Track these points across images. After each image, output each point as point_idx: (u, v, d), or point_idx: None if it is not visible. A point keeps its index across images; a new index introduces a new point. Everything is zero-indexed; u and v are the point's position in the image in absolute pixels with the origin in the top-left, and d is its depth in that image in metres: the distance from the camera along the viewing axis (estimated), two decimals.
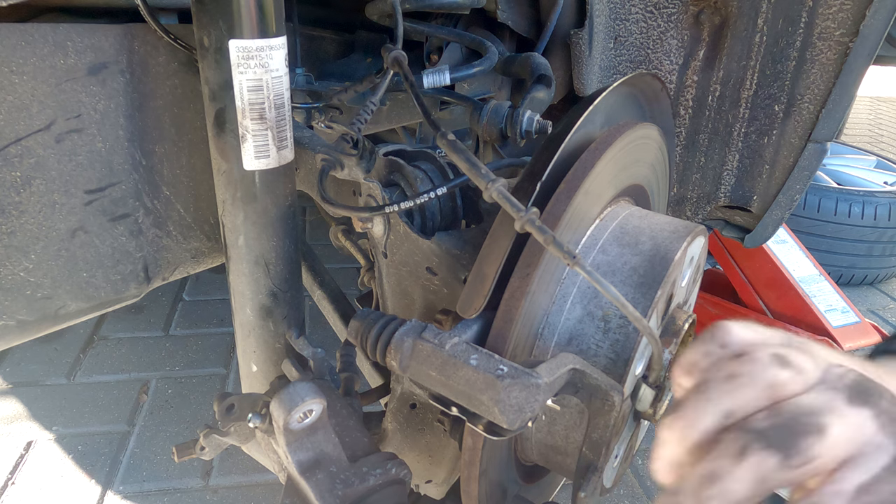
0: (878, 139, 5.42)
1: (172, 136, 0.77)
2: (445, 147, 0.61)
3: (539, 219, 0.55)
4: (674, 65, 1.22)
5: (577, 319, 0.64)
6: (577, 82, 1.09)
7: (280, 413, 0.64)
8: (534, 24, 1.07)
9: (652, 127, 0.75)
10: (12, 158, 0.63)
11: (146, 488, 1.68)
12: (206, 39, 0.62)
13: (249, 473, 1.73)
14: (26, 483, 1.67)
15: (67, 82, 0.65)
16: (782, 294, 2.12)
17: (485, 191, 0.57)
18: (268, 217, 0.71)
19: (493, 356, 0.55)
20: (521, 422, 0.52)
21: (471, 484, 0.64)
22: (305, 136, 0.79)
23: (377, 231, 0.74)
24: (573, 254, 0.53)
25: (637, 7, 1.14)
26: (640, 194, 0.79)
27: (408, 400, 0.76)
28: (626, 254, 0.66)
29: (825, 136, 1.21)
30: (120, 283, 0.77)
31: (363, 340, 0.63)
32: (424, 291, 0.74)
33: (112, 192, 0.72)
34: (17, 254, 0.67)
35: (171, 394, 2.02)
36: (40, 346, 2.18)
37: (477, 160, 0.59)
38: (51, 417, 1.89)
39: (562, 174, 0.63)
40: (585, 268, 0.53)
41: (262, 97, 0.64)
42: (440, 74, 0.90)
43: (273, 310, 0.77)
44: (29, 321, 0.70)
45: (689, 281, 0.74)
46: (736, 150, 1.31)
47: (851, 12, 1.10)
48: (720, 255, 2.31)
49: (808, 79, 1.18)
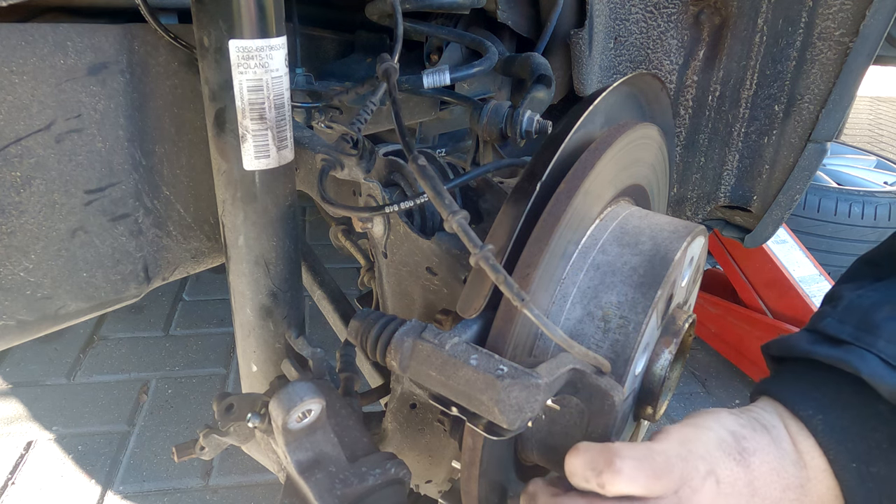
0: (878, 139, 5.42)
1: (172, 136, 0.77)
2: (415, 171, 0.61)
3: (494, 256, 0.54)
4: (674, 65, 1.22)
5: (577, 319, 0.64)
6: (577, 82, 1.09)
7: (279, 413, 0.64)
8: (534, 24, 1.07)
9: (652, 127, 0.75)
10: (12, 158, 0.63)
11: (146, 488, 1.68)
12: (206, 39, 0.62)
13: (249, 473, 1.73)
14: (26, 483, 1.67)
15: (67, 82, 0.65)
16: (782, 294, 2.12)
17: (446, 221, 0.57)
18: (268, 217, 0.71)
19: (493, 356, 0.55)
20: (521, 422, 0.52)
21: (471, 484, 0.64)
22: (305, 136, 0.79)
23: (377, 231, 0.74)
24: (523, 296, 0.53)
25: (637, 7, 1.14)
26: (640, 194, 0.79)
27: (408, 400, 0.76)
28: (626, 254, 0.66)
29: (825, 136, 1.21)
30: (120, 283, 0.77)
31: (363, 340, 0.63)
32: (424, 291, 0.74)
33: (112, 192, 0.72)
34: (17, 254, 0.67)
35: (171, 394, 2.02)
36: (40, 346, 2.18)
37: (443, 189, 0.58)
38: (51, 417, 1.89)
39: (562, 174, 0.63)
40: (534, 311, 0.52)
41: (262, 97, 0.64)
42: (440, 74, 0.90)
43: (273, 310, 0.77)
44: (29, 321, 0.70)
45: (689, 281, 0.74)
46: (736, 150, 1.31)
47: (851, 12, 1.10)
48: (720, 255, 2.32)
49: (808, 79, 1.18)
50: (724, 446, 0.58)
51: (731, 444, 0.58)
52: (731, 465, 0.57)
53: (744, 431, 0.60)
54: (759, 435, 0.60)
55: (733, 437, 0.59)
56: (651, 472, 0.53)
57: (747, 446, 0.58)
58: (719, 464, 0.56)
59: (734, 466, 0.57)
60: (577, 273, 0.65)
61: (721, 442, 0.58)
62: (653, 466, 0.53)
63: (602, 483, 0.53)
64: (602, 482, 0.53)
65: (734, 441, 0.59)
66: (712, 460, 0.56)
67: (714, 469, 0.56)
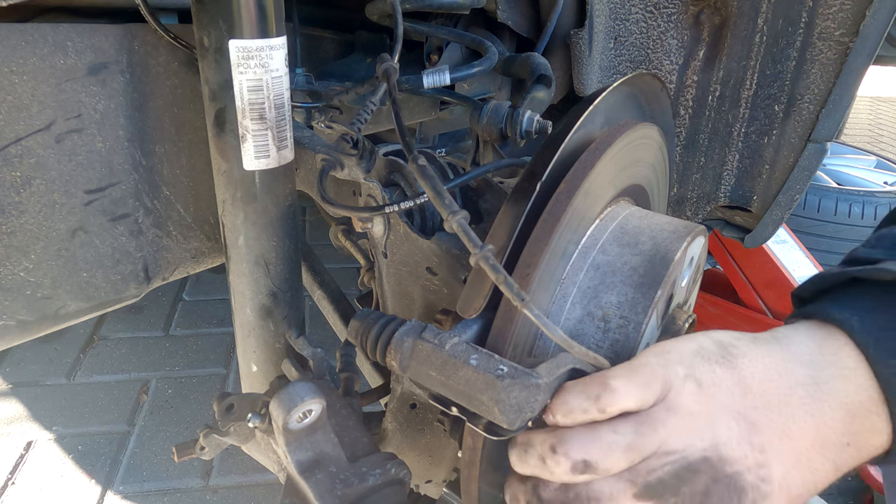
0: (878, 139, 5.42)
1: (172, 136, 0.77)
2: (415, 171, 0.61)
3: (494, 256, 0.54)
4: (674, 65, 1.22)
5: (577, 319, 0.64)
6: (577, 82, 1.09)
7: (279, 413, 0.64)
8: (534, 24, 1.07)
9: (652, 127, 0.75)
10: (12, 158, 0.63)
11: (146, 488, 1.68)
12: (206, 39, 0.62)
13: (249, 473, 1.73)
14: (26, 483, 1.67)
15: (67, 82, 0.65)
16: (782, 294, 2.12)
17: (446, 221, 0.57)
18: (268, 217, 0.71)
19: (493, 356, 0.55)
20: (521, 422, 0.52)
21: (471, 484, 0.64)
22: (305, 136, 0.79)
23: (377, 231, 0.74)
24: (523, 296, 0.53)
25: (637, 7, 1.14)
26: (640, 194, 0.79)
27: (408, 400, 0.77)
28: (626, 254, 0.66)
29: (825, 136, 1.21)
30: (120, 283, 0.77)
31: (363, 340, 0.63)
32: (424, 291, 0.74)
33: (112, 192, 0.72)
34: (17, 254, 0.67)
35: (171, 394, 2.02)
36: (40, 346, 2.18)
37: (443, 189, 0.59)
38: (51, 417, 1.89)
39: (562, 174, 0.63)
40: (534, 311, 0.52)
41: (262, 97, 0.64)
42: (440, 74, 0.90)
43: (273, 310, 0.77)
44: (29, 321, 0.70)
45: (689, 281, 0.74)
46: (736, 150, 1.31)
47: (851, 12, 1.10)
48: (720, 255, 2.31)
49: (808, 79, 1.18)
50: (703, 352, 0.57)
51: (713, 350, 0.57)
52: (713, 367, 0.56)
53: (733, 341, 0.59)
54: (756, 343, 0.59)
55: (717, 345, 0.58)
56: (642, 383, 0.53)
57: (735, 352, 0.57)
58: (697, 367, 0.56)
59: (717, 368, 0.56)
60: (577, 273, 0.65)
61: (700, 349, 0.57)
62: (641, 377, 0.54)
63: (602, 407, 0.53)
64: (602, 406, 0.53)
65: (717, 348, 0.58)
66: (690, 364, 0.56)
67: (692, 373, 0.55)
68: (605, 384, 0.53)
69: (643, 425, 0.53)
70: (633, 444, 0.53)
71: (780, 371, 0.57)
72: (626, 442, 0.53)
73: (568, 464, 0.53)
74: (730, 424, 0.55)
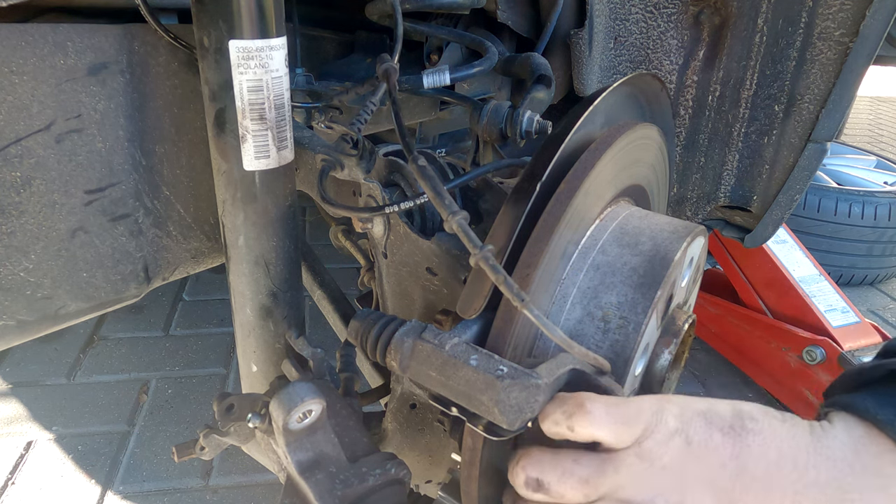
0: (878, 139, 5.42)
1: (172, 136, 0.77)
2: (415, 172, 0.61)
3: (494, 256, 0.54)
4: (674, 65, 1.22)
5: (576, 320, 0.64)
6: (577, 82, 1.09)
7: (279, 413, 0.64)
8: (534, 24, 1.07)
9: (652, 127, 0.75)
10: (12, 158, 0.63)
11: (146, 488, 1.68)
12: (206, 39, 0.62)
13: (249, 473, 1.73)
14: (26, 483, 1.67)
15: (67, 82, 0.65)
16: (782, 294, 2.12)
17: (446, 221, 0.57)
18: (268, 217, 0.71)
19: (493, 356, 0.55)
20: (521, 422, 0.52)
21: (471, 484, 0.64)
22: (305, 137, 0.79)
23: (377, 231, 0.74)
24: (523, 297, 0.52)
25: (637, 7, 1.14)
26: (640, 194, 0.79)
27: (408, 400, 0.76)
28: (625, 254, 0.66)
29: (825, 136, 1.21)
30: (120, 283, 0.77)
31: (363, 341, 0.63)
32: (424, 292, 0.74)
33: (112, 193, 0.72)
34: (17, 254, 0.67)
35: (171, 394, 2.02)
36: (40, 346, 2.18)
37: (443, 189, 0.58)
38: (51, 417, 1.89)
39: (562, 174, 0.63)
40: (534, 312, 0.52)
41: (262, 97, 0.64)
42: (440, 74, 0.90)
43: (273, 310, 0.77)
44: (29, 321, 0.70)
45: (689, 281, 0.74)
46: (736, 150, 1.31)
47: (851, 12, 1.10)
48: (720, 255, 2.31)
49: (808, 79, 1.18)
50: (710, 415, 0.53)
51: (724, 416, 0.53)
52: (713, 432, 0.52)
53: (756, 414, 0.53)
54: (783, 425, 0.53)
55: (734, 413, 0.53)
56: (620, 419, 0.51)
57: (750, 426, 0.52)
58: (694, 426, 0.52)
59: (717, 435, 0.52)
60: (577, 273, 0.65)
61: (709, 411, 0.53)
62: (623, 413, 0.52)
63: (571, 425, 0.51)
64: (572, 424, 0.51)
65: (731, 416, 0.53)
66: (687, 421, 0.52)
67: (685, 429, 0.52)
68: (582, 405, 0.52)
69: (606, 463, 0.52)
70: (589, 479, 0.52)
71: (798, 463, 0.51)
72: (583, 474, 0.52)
73: (522, 477, 0.54)
74: (703, 498, 0.51)
